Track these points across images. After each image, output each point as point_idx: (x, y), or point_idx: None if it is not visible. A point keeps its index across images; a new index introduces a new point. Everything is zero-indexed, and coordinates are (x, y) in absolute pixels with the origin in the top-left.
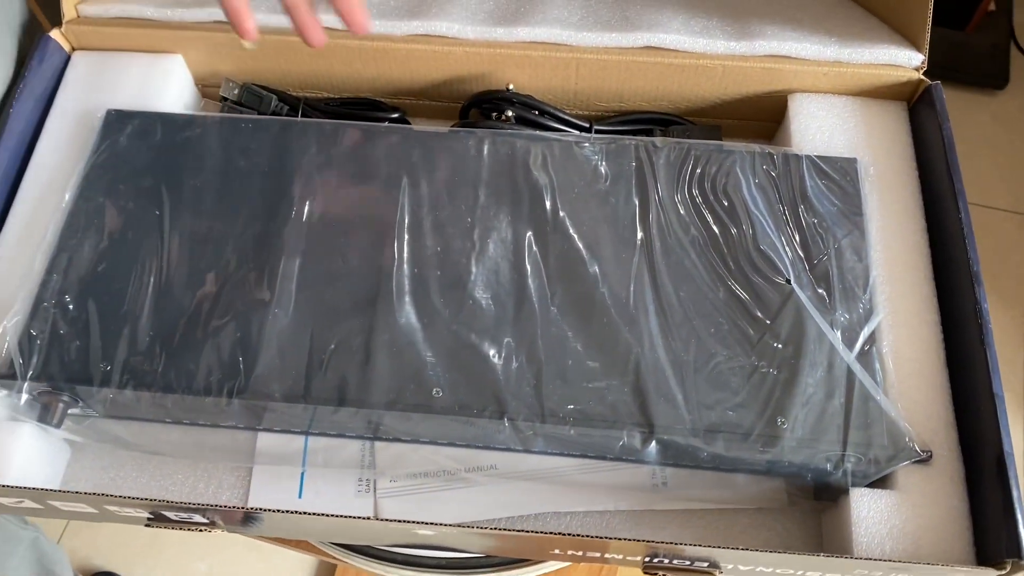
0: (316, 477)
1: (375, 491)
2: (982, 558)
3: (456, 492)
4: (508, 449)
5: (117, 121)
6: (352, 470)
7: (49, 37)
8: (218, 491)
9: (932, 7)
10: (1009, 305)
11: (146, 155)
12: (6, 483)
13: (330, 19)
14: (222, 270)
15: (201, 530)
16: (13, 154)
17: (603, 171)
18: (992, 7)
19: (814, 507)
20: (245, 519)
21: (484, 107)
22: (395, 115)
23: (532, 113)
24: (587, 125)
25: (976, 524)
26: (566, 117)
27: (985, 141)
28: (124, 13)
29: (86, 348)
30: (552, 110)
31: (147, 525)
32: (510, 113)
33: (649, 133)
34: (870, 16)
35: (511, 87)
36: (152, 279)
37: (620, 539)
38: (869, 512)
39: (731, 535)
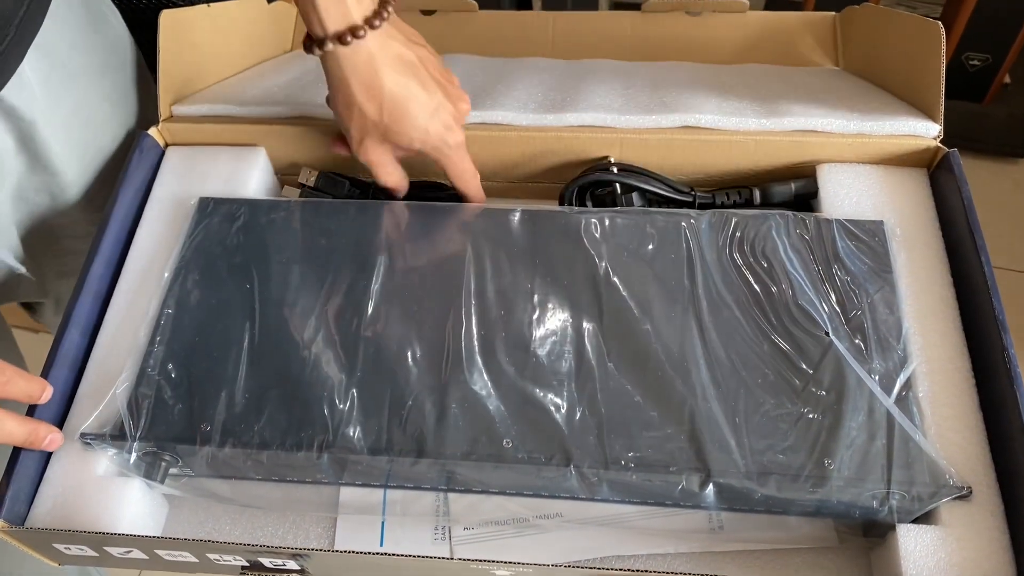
0: (395, 527)
1: (451, 538)
2: None
3: (528, 538)
4: (574, 497)
5: (208, 207)
6: (428, 518)
7: (146, 135)
8: (306, 540)
9: (944, 83)
10: None
11: (235, 237)
12: (120, 532)
13: None
14: (308, 336)
15: None
16: (116, 239)
17: (651, 237)
18: (1007, 80)
19: (863, 545)
20: (335, 563)
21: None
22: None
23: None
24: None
25: (1017, 554)
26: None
27: (1008, 207)
28: (212, 112)
29: (188, 410)
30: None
31: (241, 574)
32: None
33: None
34: (887, 94)
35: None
36: (245, 346)
37: (680, 574)
38: (916, 546)
39: (785, 574)
